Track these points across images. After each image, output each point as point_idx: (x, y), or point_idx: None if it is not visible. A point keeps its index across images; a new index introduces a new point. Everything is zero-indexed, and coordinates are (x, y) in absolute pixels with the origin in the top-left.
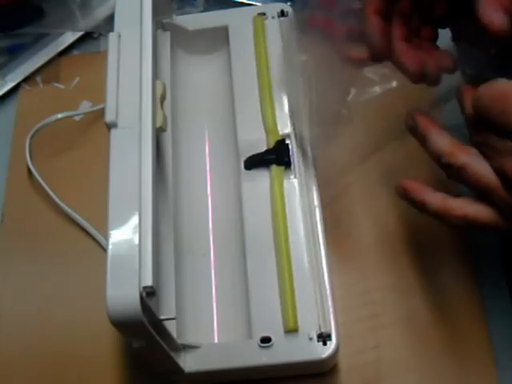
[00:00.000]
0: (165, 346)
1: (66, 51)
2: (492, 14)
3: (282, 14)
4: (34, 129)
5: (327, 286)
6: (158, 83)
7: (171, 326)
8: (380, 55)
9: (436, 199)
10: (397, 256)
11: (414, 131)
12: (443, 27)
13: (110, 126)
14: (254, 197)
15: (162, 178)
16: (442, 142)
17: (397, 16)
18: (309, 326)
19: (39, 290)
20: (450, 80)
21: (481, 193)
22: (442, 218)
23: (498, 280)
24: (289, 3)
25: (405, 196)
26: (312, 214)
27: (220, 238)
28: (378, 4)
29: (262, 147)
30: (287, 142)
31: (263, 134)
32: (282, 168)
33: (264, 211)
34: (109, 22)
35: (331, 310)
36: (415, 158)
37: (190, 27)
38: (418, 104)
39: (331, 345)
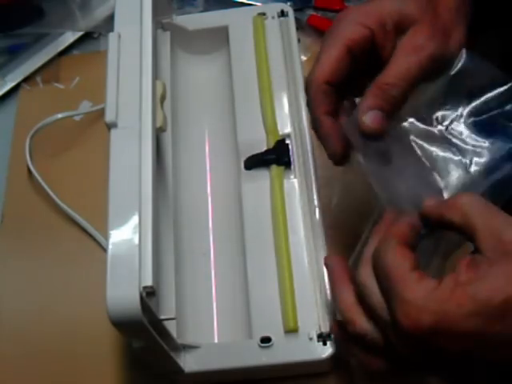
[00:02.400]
0: (165, 346)
1: (66, 51)
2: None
3: (282, 13)
4: (34, 129)
5: (327, 286)
6: (158, 83)
7: (171, 326)
8: (341, 157)
9: (346, 301)
10: None
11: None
12: None
13: (110, 126)
14: (254, 197)
15: (161, 177)
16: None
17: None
18: (309, 326)
19: (39, 289)
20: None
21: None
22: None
23: None
24: (289, 3)
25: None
26: (312, 214)
27: (220, 238)
28: (328, 106)
29: (262, 147)
30: (287, 142)
31: (263, 134)
32: (282, 168)
33: (264, 211)
34: (109, 21)
35: (331, 310)
36: None
37: (190, 27)
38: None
39: (331, 345)
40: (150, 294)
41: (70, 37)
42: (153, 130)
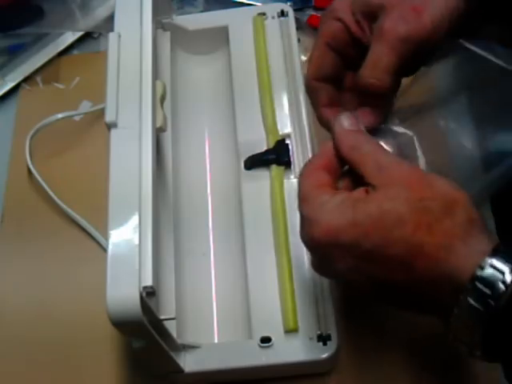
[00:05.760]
0: (165, 346)
1: (66, 51)
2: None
3: (282, 13)
4: (34, 129)
5: (327, 287)
6: (158, 83)
7: (171, 326)
8: None
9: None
10: None
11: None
12: None
13: (110, 126)
14: (254, 197)
15: (161, 177)
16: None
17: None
18: (309, 325)
19: (39, 289)
20: (453, 80)
21: None
22: None
23: None
24: (289, 3)
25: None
26: None
27: (220, 238)
28: (324, 99)
29: (262, 147)
30: (287, 142)
31: (263, 134)
32: (282, 168)
33: (264, 211)
34: (109, 21)
35: (331, 310)
36: None
37: (190, 27)
38: (418, 104)
39: (331, 345)
40: (149, 294)
41: (69, 37)
42: (153, 130)
